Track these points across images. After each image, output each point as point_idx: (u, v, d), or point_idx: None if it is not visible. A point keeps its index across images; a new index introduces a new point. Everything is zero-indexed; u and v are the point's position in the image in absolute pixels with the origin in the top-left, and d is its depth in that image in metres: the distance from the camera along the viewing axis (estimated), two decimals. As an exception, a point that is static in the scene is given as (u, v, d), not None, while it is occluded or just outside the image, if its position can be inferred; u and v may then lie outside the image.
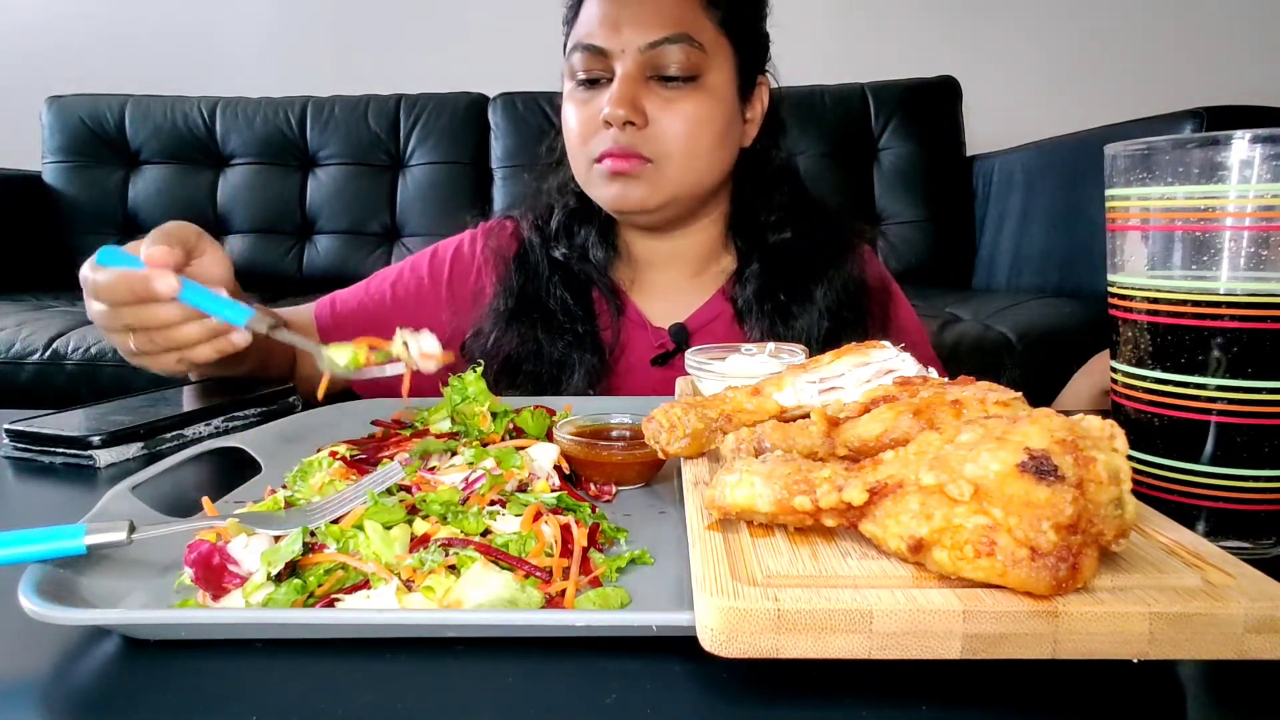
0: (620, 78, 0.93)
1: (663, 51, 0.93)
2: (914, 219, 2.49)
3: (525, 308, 1.02)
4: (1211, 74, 2.69)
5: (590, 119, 0.96)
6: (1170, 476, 0.51)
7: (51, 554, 0.44)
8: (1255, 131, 0.46)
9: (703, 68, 0.95)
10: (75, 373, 1.88)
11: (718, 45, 0.96)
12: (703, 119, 0.95)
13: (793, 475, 0.41)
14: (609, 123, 0.93)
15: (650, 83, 0.94)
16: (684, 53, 0.93)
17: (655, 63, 0.93)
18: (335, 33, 2.98)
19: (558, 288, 1.03)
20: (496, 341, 1.00)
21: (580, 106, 0.98)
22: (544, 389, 0.99)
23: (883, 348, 0.59)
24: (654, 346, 1.04)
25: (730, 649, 0.35)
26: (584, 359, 0.99)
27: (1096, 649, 0.34)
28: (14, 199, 2.69)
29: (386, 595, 0.44)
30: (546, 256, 1.05)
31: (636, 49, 0.93)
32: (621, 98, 0.92)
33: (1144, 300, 0.51)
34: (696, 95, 0.95)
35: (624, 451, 0.62)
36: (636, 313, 1.06)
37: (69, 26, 3.02)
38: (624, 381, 1.02)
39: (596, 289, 1.05)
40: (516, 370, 1.00)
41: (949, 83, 2.56)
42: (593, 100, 0.96)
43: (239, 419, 0.85)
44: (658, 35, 0.92)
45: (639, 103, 0.93)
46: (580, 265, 1.04)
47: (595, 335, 1.02)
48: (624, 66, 0.93)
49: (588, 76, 0.97)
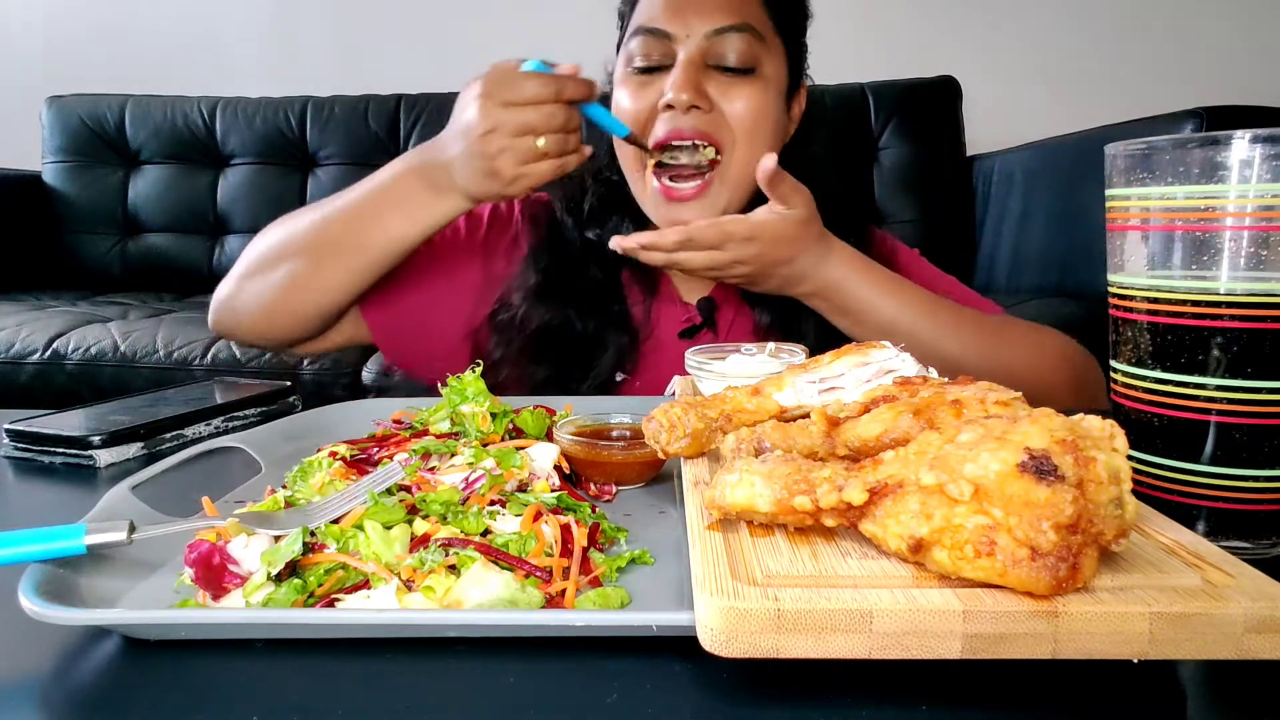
0: (683, 62, 0.93)
1: (726, 39, 0.93)
2: (914, 219, 2.49)
3: (555, 284, 1.02)
4: (1211, 74, 2.69)
5: (647, 105, 0.96)
6: (1170, 476, 0.51)
7: (51, 554, 0.44)
8: (1255, 131, 0.46)
9: (761, 60, 0.96)
10: (75, 373, 1.88)
11: (774, 41, 0.98)
12: (763, 109, 0.96)
13: (793, 475, 0.41)
14: (671, 106, 0.93)
15: (709, 71, 0.95)
16: (745, 42, 0.94)
17: (716, 50, 0.94)
18: (335, 33, 2.98)
19: (590, 268, 1.04)
20: (526, 315, 1.01)
21: (637, 90, 0.97)
22: (572, 367, 0.99)
23: (883, 348, 0.59)
24: (682, 321, 1.05)
25: (730, 649, 0.35)
26: (615, 338, 1.00)
27: (1096, 649, 0.34)
28: (14, 199, 2.69)
29: (386, 595, 0.44)
30: (580, 237, 1.05)
31: (702, 34, 0.93)
32: (687, 81, 0.92)
33: (1144, 300, 0.51)
34: (756, 85, 0.95)
35: (624, 451, 0.62)
36: (669, 288, 1.07)
37: (69, 26, 3.02)
38: (652, 359, 1.03)
39: (627, 269, 1.05)
40: (544, 345, 1.00)
41: (949, 83, 2.56)
42: (650, 85, 0.96)
43: (239, 419, 0.85)
44: (723, 22, 0.93)
45: (703, 87, 0.94)
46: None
47: (625, 314, 1.03)
48: (687, 52, 0.94)
49: (647, 63, 0.96)
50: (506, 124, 0.84)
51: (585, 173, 1.08)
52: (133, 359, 1.87)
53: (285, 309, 0.99)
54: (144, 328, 1.96)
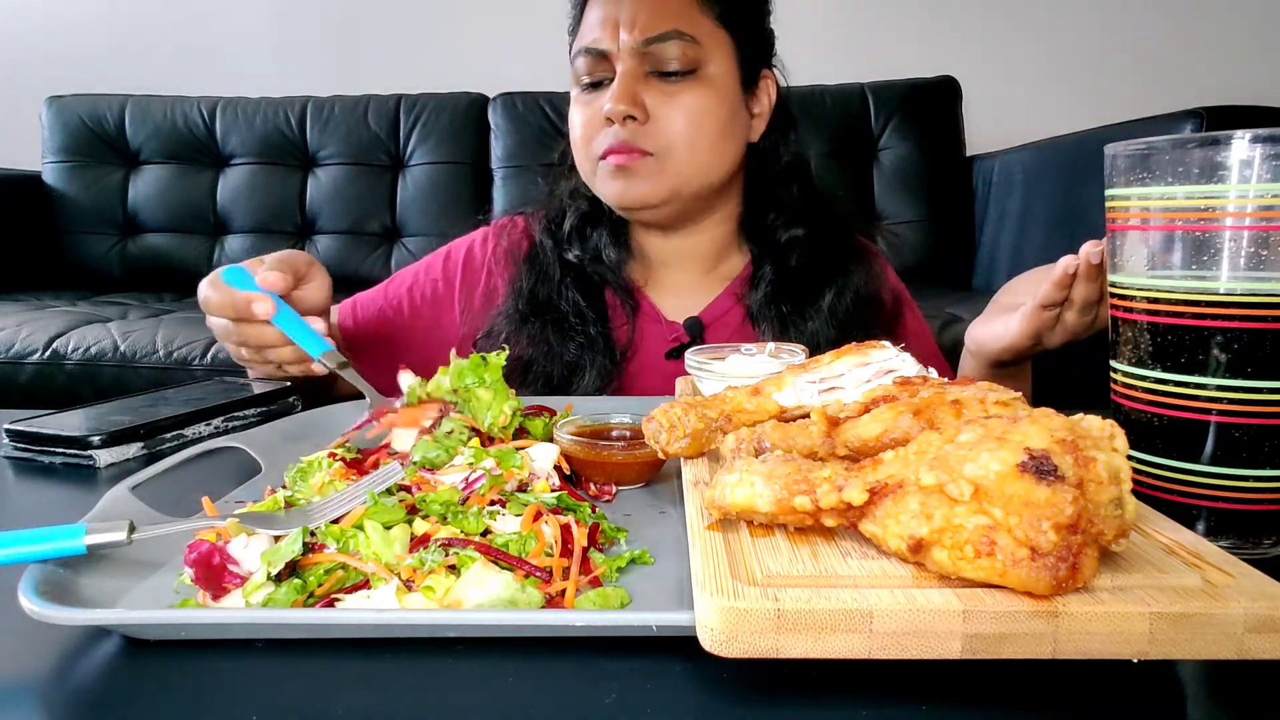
0: (620, 75, 0.96)
1: (659, 48, 0.95)
2: (914, 219, 2.49)
3: (537, 309, 1.04)
4: (1211, 74, 2.69)
5: (593, 118, 0.98)
6: (1170, 476, 0.51)
7: (51, 554, 0.44)
8: (1255, 131, 0.46)
9: (700, 61, 0.96)
10: (75, 373, 1.88)
11: (715, 39, 0.98)
12: (703, 110, 0.97)
13: (793, 475, 0.41)
14: (610, 119, 0.95)
15: (650, 79, 0.96)
16: (679, 48, 0.95)
17: (653, 59, 0.96)
18: (335, 33, 2.98)
19: (570, 289, 1.05)
20: (508, 342, 1.01)
21: (584, 108, 1.00)
22: (555, 390, 1.00)
23: (883, 348, 0.59)
24: (668, 340, 1.05)
25: (730, 649, 0.35)
26: (596, 360, 1.01)
27: (1096, 649, 0.34)
28: (14, 199, 2.69)
29: (386, 595, 0.44)
30: (559, 259, 1.07)
31: (632, 47, 0.95)
32: (622, 94, 0.94)
33: (1144, 300, 0.51)
34: (696, 87, 0.96)
35: (624, 451, 0.62)
36: (651, 307, 1.08)
37: (69, 27, 3.02)
38: (636, 380, 1.03)
39: (609, 289, 1.07)
40: (528, 370, 1.01)
41: (949, 83, 2.56)
42: (595, 100, 0.98)
43: (239, 419, 0.85)
44: (652, 33, 0.95)
45: (639, 98, 0.95)
46: (594, 266, 1.06)
47: (608, 336, 1.03)
48: (624, 65, 0.96)
49: (591, 80, 0.99)
50: (211, 325, 0.89)
51: (563, 193, 1.10)
52: (133, 359, 1.87)
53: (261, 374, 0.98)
54: (144, 328, 1.96)
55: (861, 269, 1.05)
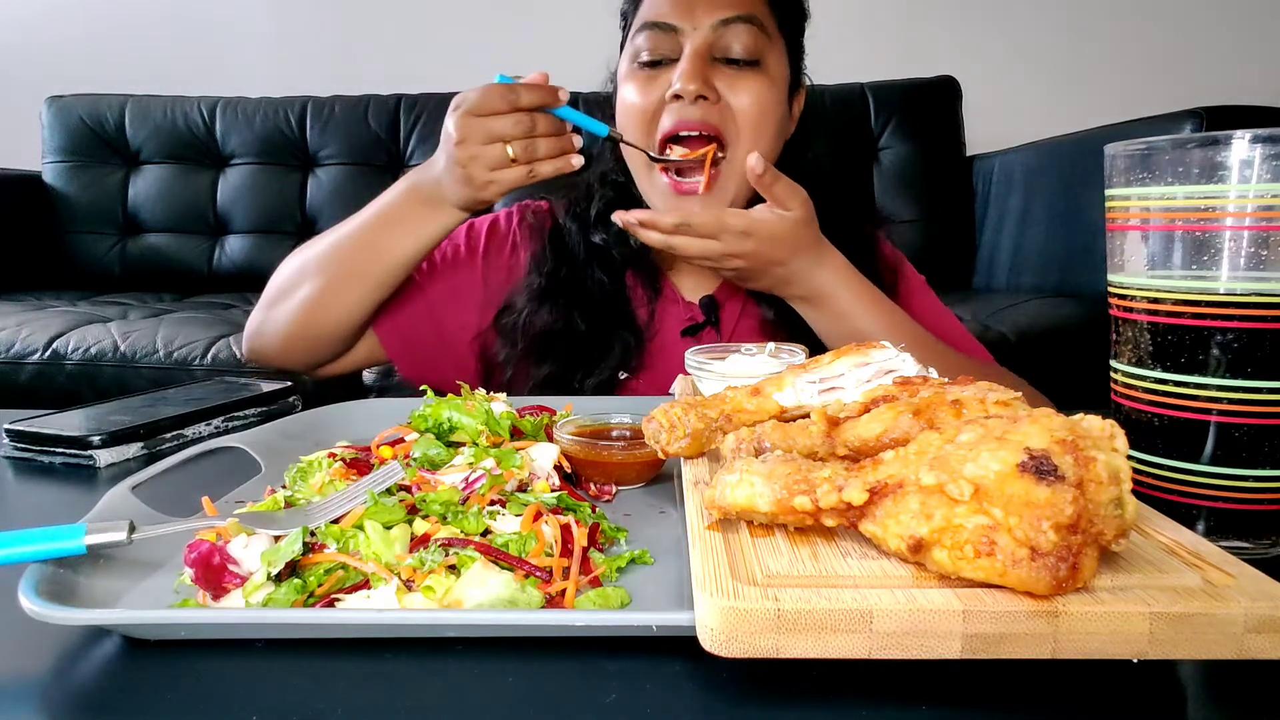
0: (689, 54, 0.95)
1: (732, 30, 0.95)
2: (914, 219, 2.49)
3: (561, 287, 1.04)
4: (1211, 74, 2.69)
5: (654, 98, 0.97)
6: (1170, 476, 0.51)
7: (51, 554, 0.44)
8: (1255, 131, 0.46)
9: (766, 53, 0.97)
10: (75, 373, 1.88)
11: (777, 37, 1.00)
12: (768, 102, 0.97)
13: (793, 475, 0.41)
14: (679, 96, 0.94)
15: (715, 64, 0.96)
16: (751, 34, 0.96)
17: (722, 43, 0.96)
18: (335, 33, 2.98)
19: (595, 270, 1.05)
20: (530, 317, 1.02)
21: (643, 85, 0.98)
22: (576, 366, 1.00)
23: (883, 348, 0.59)
24: (685, 320, 1.06)
25: (730, 649, 0.35)
26: (620, 336, 1.02)
27: (1096, 649, 0.34)
28: (14, 199, 2.68)
29: (386, 595, 0.44)
30: (585, 240, 1.07)
31: (708, 26, 0.95)
32: (693, 72, 0.94)
33: (1144, 300, 0.51)
34: (761, 78, 0.97)
35: (624, 451, 0.62)
36: (671, 289, 1.09)
37: (69, 26, 3.02)
38: (657, 359, 1.04)
39: (631, 270, 1.07)
40: (549, 346, 1.01)
41: (949, 83, 2.56)
42: (657, 79, 0.97)
43: (239, 419, 0.85)
44: (729, 13, 0.95)
45: (709, 79, 0.95)
46: (619, 249, 1.06)
47: (630, 315, 1.05)
48: (693, 44, 0.95)
49: (653, 57, 0.98)
50: (475, 133, 0.88)
51: (591, 177, 1.10)
52: (133, 359, 1.87)
53: (307, 332, 1.02)
54: (144, 328, 1.96)
55: (858, 248, 1.05)
